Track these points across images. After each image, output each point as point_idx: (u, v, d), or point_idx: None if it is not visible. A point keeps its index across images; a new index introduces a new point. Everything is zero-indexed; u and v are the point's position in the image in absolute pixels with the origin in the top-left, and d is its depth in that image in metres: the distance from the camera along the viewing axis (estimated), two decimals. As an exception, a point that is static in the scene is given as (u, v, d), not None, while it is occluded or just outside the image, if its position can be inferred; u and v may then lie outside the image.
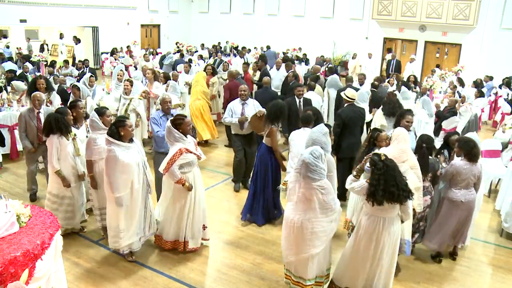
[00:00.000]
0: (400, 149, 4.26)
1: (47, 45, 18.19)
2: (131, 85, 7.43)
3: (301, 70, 13.82)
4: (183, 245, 4.83)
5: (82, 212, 5.23)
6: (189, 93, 9.16)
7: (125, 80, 7.60)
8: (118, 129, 4.34)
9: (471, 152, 4.64)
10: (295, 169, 3.89)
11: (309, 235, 3.75)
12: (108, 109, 5.06)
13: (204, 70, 9.68)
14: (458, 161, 4.74)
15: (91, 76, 8.34)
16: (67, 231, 5.01)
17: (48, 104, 6.79)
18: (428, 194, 4.65)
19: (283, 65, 10.29)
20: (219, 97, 9.78)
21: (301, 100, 7.19)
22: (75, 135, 5.03)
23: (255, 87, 10.02)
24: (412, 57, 15.27)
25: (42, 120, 5.60)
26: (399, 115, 5.50)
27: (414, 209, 4.25)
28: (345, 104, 6.52)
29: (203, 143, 8.61)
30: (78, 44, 17.19)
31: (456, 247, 5.03)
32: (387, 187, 3.62)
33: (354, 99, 6.47)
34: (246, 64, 10.76)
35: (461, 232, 4.87)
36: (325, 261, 4.02)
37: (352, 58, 16.17)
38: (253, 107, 6.40)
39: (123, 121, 4.44)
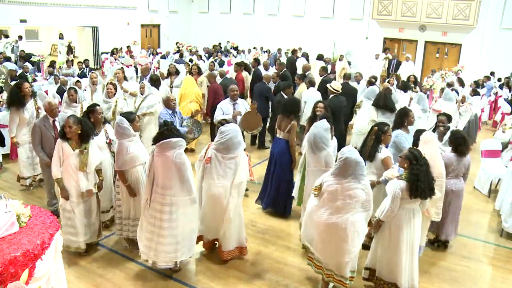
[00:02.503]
0: (428, 154, 4.19)
1: (73, 47, 18.10)
2: (115, 89, 7.08)
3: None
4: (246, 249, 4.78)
5: (91, 231, 4.71)
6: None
7: (107, 83, 7.25)
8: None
9: (457, 148, 4.88)
10: (332, 172, 3.85)
11: (352, 235, 3.77)
12: (135, 114, 4.80)
13: (190, 71, 9.64)
14: (449, 154, 4.93)
15: (77, 81, 8.12)
16: (69, 249, 4.59)
17: (40, 111, 6.28)
18: None
19: (272, 67, 11.02)
20: (204, 97, 9.72)
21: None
22: (85, 148, 4.48)
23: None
24: (407, 56, 15.29)
25: (58, 128, 5.28)
26: (403, 114, 5.43)
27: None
28: (331, 95, 7.29)
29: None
30: (20, 41, 17.01)
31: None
32: (426, 183, 3.81)
33: (339, 91, 7.28)
34: (238, 64, 10.78)
35: (452, 221, 5.05)
36: (357, 256, 4.03)
37: (339, 60, 15.99)
38: (243, 107, 6.46)
39: (173, 122, 4.44)
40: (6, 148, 7.39)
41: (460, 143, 4.86)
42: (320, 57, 14.52)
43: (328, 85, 7.53)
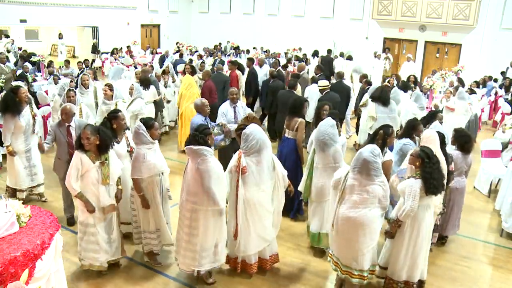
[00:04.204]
0: None
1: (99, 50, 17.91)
2: (111, 90, 6.69)
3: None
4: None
5: (113, 249, 4.35)
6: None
7: (104, 85, 6.98)
8: (206, 138, 3.99)
9: (464, 146, 4.99)
10: (352, 167, 3.90)
11: (368, 230, 3.80)
12: (155, 121, 4.53)
13: (184, 70, 9.62)
14: (455, 152, 5.02)
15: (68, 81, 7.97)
16: (92, 268, 4.29)
17: (36, 118, 5.99)
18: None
19: (265, 64, 11.58)
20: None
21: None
22: (106, 159, 4.16)
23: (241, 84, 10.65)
24: (408, 56, 15.30)
25: (73, 134, 5.18)
26: (410, 127, 5.31)
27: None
28: (323, 92, 7.65)
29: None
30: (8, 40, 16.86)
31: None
32: (439, 179, 3.89)
33: (328, 85, 7.76)
34: (232, 62, 10.79)
35: (454, 218, 5.12)
36: (375, 253, 4.04)
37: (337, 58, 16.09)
38: (243, 110, 6.44)
39: (209, 128, 4.18)
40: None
41: (466, 141, 4.97)
42: (349, 58, 15.04)
43: (315, 85, 8.05)
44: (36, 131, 5.98)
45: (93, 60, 12.67)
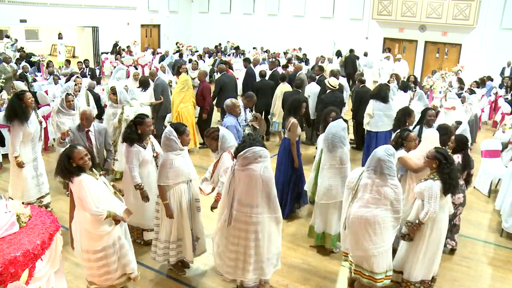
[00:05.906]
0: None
1: (120, 48, 17.46)
2: (113, 93, 6.55)
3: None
4: None
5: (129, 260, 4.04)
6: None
7: (109, 88, 6.90)
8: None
9: (445, 143, 4.97)
10: (366, 166, 3.90)
11: (380, 230, 3.79)
12: (186, 126, 4.30)
13: (179, 70, 9.55)
14: None
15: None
16: (120, 285, 4.08)
17: (43, 124, 5.80)
18: (461, 192, 4.75)
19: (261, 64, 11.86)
20: None
21: None
22: (101, 169, 4.04)
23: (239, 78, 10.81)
24: (397, 56, 15.30)
25: (93, 140, 5.06)
26: (405, 113, 5.65)
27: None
28: (327, 91, 7.87)
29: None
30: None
31: None
32: (456, 179, 3.94)
33: (336, 87, 7.88)
34: (226, 63, 10.81)
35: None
36: (390, 255, 4.02)
37: (321, 62, 16.06)
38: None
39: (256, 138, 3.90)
40: (6, 148, 7.37)
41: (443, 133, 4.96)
42: (365, 54, 15.76)
43: (325, 81, 8.07)
44: (41, 138, 5.80)
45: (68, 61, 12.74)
